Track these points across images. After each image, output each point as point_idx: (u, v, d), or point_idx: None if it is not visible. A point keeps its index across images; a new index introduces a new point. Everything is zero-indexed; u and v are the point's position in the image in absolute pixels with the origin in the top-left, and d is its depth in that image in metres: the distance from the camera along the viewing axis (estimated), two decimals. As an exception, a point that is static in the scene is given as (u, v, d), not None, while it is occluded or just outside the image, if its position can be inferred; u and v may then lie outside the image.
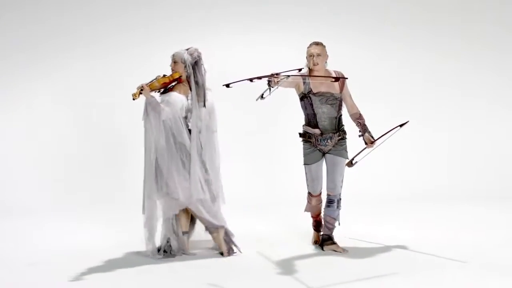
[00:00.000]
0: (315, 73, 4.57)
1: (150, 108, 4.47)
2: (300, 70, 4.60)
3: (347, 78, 4.40)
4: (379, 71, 8.20)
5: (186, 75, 4.63)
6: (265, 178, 7.55)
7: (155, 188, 4.51)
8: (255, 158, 7.66)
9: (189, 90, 4.62)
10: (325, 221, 4.71)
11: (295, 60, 7.51)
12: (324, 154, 4.64)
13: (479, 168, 7.96)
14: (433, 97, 8.27)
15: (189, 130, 4.61)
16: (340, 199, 4.69)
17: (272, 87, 4.16)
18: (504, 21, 8.35)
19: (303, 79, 4.51)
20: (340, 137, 4.63)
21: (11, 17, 7.73)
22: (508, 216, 6.12)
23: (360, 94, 7.98)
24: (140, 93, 4.44)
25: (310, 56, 4.59)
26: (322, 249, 4.70)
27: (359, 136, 4.68)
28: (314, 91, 4.55)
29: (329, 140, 4.58)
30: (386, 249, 4.68)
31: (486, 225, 5.65)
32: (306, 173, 4.72)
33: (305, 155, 4.69)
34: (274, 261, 4.40)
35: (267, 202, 6.92)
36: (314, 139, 4.59)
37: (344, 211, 4.80)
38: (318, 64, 4.55)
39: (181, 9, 8.03)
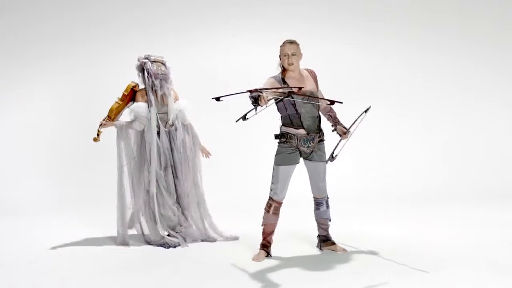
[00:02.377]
0: (290, 73, 4.40)
1: (119, 131, 5.04)
2: (300, 89, 4.18)
3: (341, 103, 4.11)
4: (379, 71, 8.22)
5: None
6: (259, 178, 7.54)
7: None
8: (253, 158, 7.67)
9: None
10: (318, 223, 4.69)
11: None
12: (302, 157, 4.48)
13: (479, 167, 7.97)
14: (433, 97, 8.29)
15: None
16: (328, 198, 4.65)
17: (261, 106, 3.95)
18: (504, 21, 8.37)
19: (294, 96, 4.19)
20: (320, 139, 4.49)
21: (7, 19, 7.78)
22: (508, 215, 6.13)
23: (360, 94, 8.08)
24: (98, 135, 5.03)
25: (284, 55, 4.38)
26: (321, 249, 4.71)
27: (333, 130, 4.52)
28: (296, 90, 4.26)
29: (311, 142, 4.41)
30: (385, 248, 4.68)
31: (486, 224, 5.66)
32: (273, 176, 4.44)
33: (278, 154, 4.43)
34: (272, 261, 4.42)
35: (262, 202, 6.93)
36: (296, 140, 4.39)
37: (343, 211, 4.80)
38: (293, 64, 4.36)
39: (180, 11, 8.06)
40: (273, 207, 4.48)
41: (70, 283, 3.97)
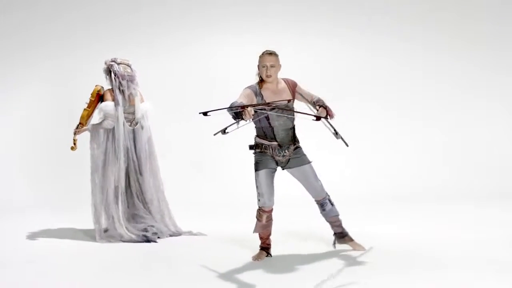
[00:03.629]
0: (267, 85, 4.34)
1: (92, 133, 5.31)
2: (289, 101, 4.25)
3: (326, 118, 4.11)
4: (379, 70, 8.21)
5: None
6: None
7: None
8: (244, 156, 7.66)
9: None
10: (329, 222, 4.65)
11: (294, 61, 7.57)
12: (281, 168, 4.46)
13: (479, 167, 7.96)
14: (433, 97, 8.28)
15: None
16: (329, 195, 4.59)
17: (245, 120, 3.91)
18: (504, 20, 8.36)
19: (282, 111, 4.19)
20: (295, 146, 4.45)
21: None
22: (508, 215, 6.12)
23: (360, 93, 8.08)
24: (75, 143, 5.37)
25: (263, 66, 4.32)
26: (334, 247, 4.69)
27: (326, 117, 4.31)
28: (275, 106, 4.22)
29: (286, 151, 4.39)
30: (386, 248, 4.66)
31: (486, 224, 5.65)
32: (257, 186, 4.38)
33: (256, 161, 4.41)
34: (272, 261, 4.41)
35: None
36: (271, 150, 4.37)
37: (343, 211, 4.76)
38: (271, 76, 4.30)
39: (178, 11, 8.07)
40: (265, 216, 4.43)
41: (69, 283, 3.96)
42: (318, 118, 4.11)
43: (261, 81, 4.39)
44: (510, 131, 8.26)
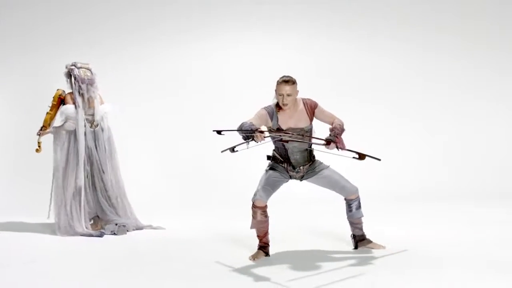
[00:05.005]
0: (287, 111, 4.33)
1: (55, 134, 5.56)
2: (303, 135, 4.25)
3: (336, 143, 4.09)
4: (379, 71, 8.22)
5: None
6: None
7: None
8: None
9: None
10: (353, 224, 4.65)
11: (294, 61, 7.57)
12: (299, 180, 4.52)
13: (479, 167, 7.96)
14: (433, 97, 8.28)
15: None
16: (359, 198, 4.57)
17: (256, 141, 3.96)
18: (504, 20, 8.36)
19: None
20: (310, 162, 4.49)
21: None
22: (508, 214, 6.12)
23: (360, 93, 8.08)
24: (39, 146, 5.63)
25: (280, 95, 4.29)
26: (356, 248, 4.68)
27: (338, 148, 4.27)
28: (283, 127, 4.31)
29: (301, 167, 4.45)
30: (386, 248, 4.66)
31: (486, 223, 5.65)
32: (261, 179, 4.43)
33: (269, 165, 4.49)
34: (270, 260, 4.40)
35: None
36: (286, 165, 4.44)
37: (343, 211, 4.76)
38: (287, 104, 4.28)
39: (179, 10, 8.07)
40: (258, 213, 4.44)
41: (69, 283, 3.96)
42: (328, 142, 4.12)
43: (279, 107, 4.38)
44: (510, 131, 8.27)
